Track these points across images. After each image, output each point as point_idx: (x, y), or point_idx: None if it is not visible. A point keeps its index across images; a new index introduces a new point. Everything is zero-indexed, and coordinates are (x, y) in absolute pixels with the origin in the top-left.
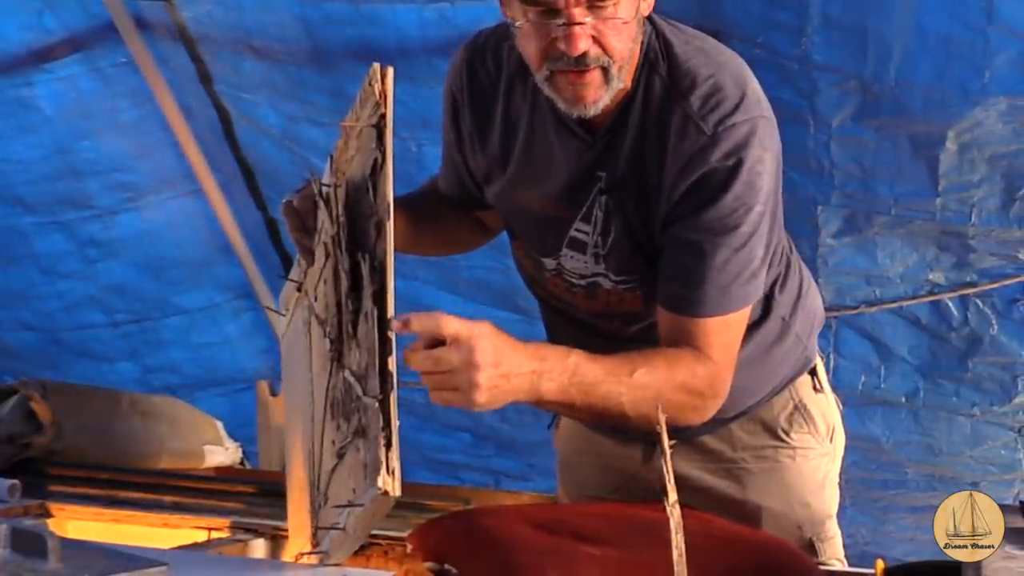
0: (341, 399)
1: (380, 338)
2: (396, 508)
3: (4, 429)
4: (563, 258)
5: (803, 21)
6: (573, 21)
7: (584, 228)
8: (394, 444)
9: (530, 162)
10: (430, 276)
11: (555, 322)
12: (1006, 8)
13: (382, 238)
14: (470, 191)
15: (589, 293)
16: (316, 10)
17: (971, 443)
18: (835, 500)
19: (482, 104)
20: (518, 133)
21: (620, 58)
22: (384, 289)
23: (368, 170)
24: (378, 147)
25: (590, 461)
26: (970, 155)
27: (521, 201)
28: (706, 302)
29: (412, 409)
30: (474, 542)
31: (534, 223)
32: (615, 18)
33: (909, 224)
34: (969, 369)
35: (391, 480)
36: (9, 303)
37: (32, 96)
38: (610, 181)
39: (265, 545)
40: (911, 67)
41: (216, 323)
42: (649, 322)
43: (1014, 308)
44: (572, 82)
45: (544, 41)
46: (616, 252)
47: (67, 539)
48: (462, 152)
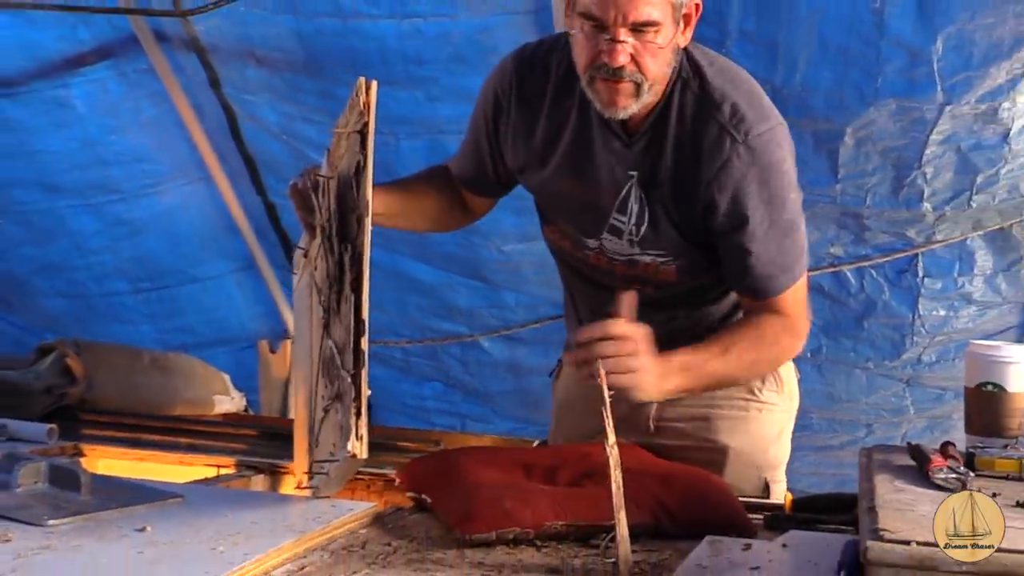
0: (327, 362)
1: (355, 321)
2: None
3: (43, 381)
4: (604, 240)
5: (723, 35)
6: (617, 39)
7: (621, 218)
8: (363, 413)
9: (575, 156)
10: (408, 250)
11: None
12: (895, 24)
13: (362, 231)
14: (486, 174)
15: (630, 265)
16: (309, 24)
17: (866, 392)
18: (787, 451)
19: (529, 107)
20: (564, 131)
21: (652, 77)
22: (360, 278)
23: (353, 170)
24: (361, 151)
25: (584, 407)
26: (865, 148)
27: (565, 189)
28: (777, 285)
29: (392, 364)
30: (446, 478)
31: (577, 209)
32: (653, 43)
33: (813, 207)
34: (864, 329)
35: (359, 445)
36: (47, 274)
37: (67, 96)
38: (644, 179)
39: (265, 480)
40: (814, 74)
41: (223, 291)
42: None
43: (902, 277)
44: (606, 88)
45: (593, 51)
46: (650, 239)
47: (97, 475)
48: (496, 143)
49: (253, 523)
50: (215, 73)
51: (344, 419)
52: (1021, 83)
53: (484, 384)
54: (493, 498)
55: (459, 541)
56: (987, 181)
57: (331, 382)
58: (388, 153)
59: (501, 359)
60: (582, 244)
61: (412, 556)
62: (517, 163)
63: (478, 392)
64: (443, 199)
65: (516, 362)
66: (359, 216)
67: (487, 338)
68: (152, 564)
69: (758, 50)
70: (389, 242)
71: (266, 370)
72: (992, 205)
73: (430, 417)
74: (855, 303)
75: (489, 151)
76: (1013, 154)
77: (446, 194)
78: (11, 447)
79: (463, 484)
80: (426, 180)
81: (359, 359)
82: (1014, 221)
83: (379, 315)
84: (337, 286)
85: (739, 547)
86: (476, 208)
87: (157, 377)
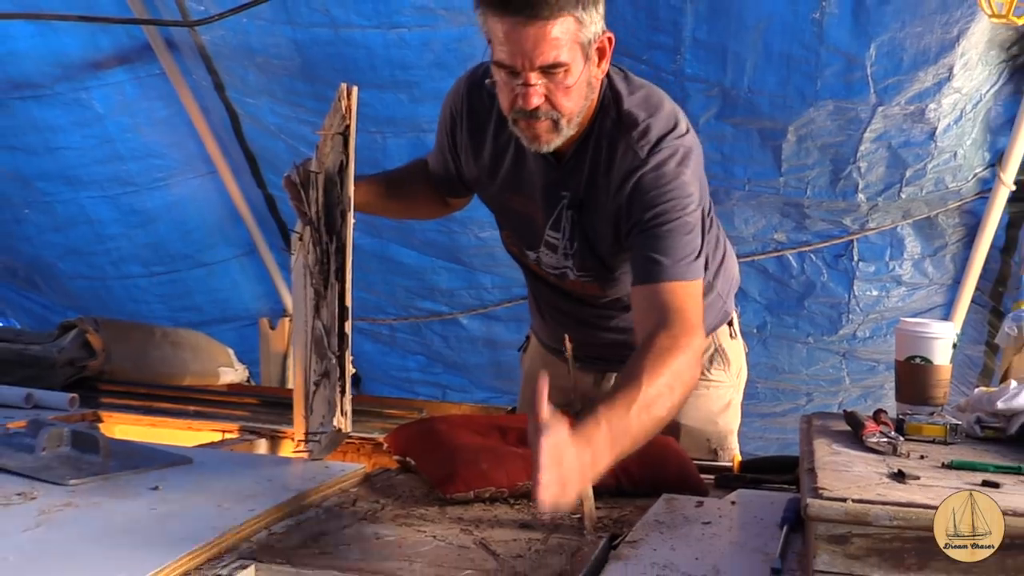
0: (318, 341)
1: (340, 308)
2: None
3: (65, 355)
4: (541, 253)
5: (677, 42)
6: (528, 83)
7: (555, 235)
8: (347, 391)
9: (518, 176)
10: (394, 236)
11: (538, 291)
12: (833, 33)
13: (345, 224)
14: (452, 178)
15: (560, 278)
16: (305, 34)
17: (806, 364)
18: (737, 421)
19: (477, 126)
20: (507, 152)
21: (568, 112)
22: (343, 268)
23: (337, 168)
24: (344, 151)
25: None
26: (805, 145)
27: (511, 204)
28: (670, 269)
29: (379, 339)
30: (429, 442)
31: (520, 222)
32: (563, 83)
33: (759, 197)
34: (805, 308)
35: (344, 420)
36: (70, 258)
37: (88, 98)
38: (573, 199)
39: (266, 444)
40: (760, 77)
41: (228, 274)
42: (608, 299)
43: (839, 261)
44: (528, 127)
45: (510, 95)
46: (579, 255)
47: (114, 439)
48: (455, 155)
49: (255, 483)
50: (220, 78)
51: (330, 396)
52: (946, 86)
53: (463, 357)
54: (471, 460)
55: (440, 499)
56: (915, 175)
57: (321, 359)
58: (376, 150)
59: (478, 335)
60: (525, 254)
61: (398, 512)
62: (471, 175)
63: (457, 365)
64: (424, 192)
65: (492, 337)
66: (343, 211)
67: (465, 316)
68: (164, 519)
69: (709, 56)
70: (377, 229)
71: (266, 345)
72: (920, 196)
73: (414, 387)
74: (797, 284)
75: (452, 160)
76: (939, 150)
77: (427, 188)
78: (36, 414)
79: (444, 448)
80: (410, 174)
81: (343, 342)
82: (939, 211)
83: (368, 295)
84: (323, 273)
85: (692, 504)
86: (453, 202)
87: (168, 351)
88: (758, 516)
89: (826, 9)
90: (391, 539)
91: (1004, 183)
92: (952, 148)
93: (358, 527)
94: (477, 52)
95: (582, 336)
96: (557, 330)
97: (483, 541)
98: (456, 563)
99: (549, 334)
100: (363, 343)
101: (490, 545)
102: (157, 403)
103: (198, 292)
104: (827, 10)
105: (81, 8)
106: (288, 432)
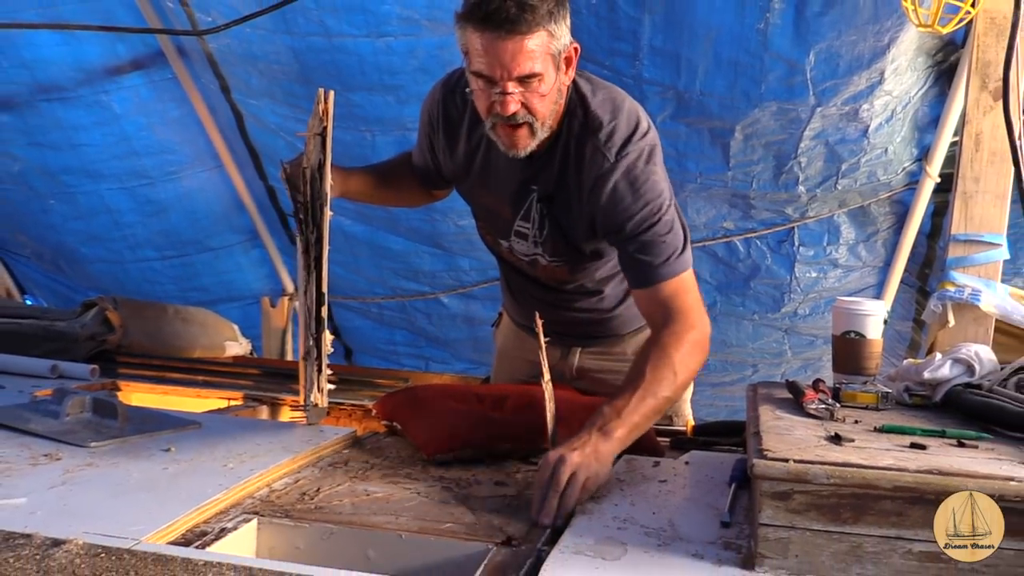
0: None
1: (317, 294)
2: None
3: (87, 330)
4: (512, 242)
5: (636, 49)
6: (506, 91)
7: (525, 225)
8: (324, 370)
9: (488, 173)
10: (381, 224)
11: (509, 275)
12: (776, 41)
13: (323, 218)
14: (433, 173)
15: (531, 265)
16: (302, 42)
17: (752, 339)
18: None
19: (452, 129)
20: (479, 152)
21: (542, 116)
22: (320, 258)
23: (317, 165)
24: (322, 151)
25: (522, 355)
26: (751, 142)
27: (482, 199)
28: (661, 270)
29: (368, 316)
30: (413, 408)
31: (492, 214)
32: (537, 91)
33: (709, 190)
34: (751, 288)
35: (320, 396)
36: (91, 244)
37: (107, 100)
38: (542, 193)
39: (267, 410)
40: (711, 81)
41: (233, 258)
42: (574, 284)
43: (782, 246)
44: (506, 134)
45: (487, 102)
46: (549, 242)
47: (130, 406)
48: (434, 153)
49: (257, 445)
50: (226, 81)
51: (310, 374)
52: (878, 89)
53: (444, 332)
54: (452, 424)
55: (424, 460)
56: (850, 168)
57: (308, 335)
58: (365, 147)
59: (457, 312)
60: (499, 242)
61: (386, 471)
62: (448, 171)
63: (439, 339)
64: (409, 183)
65: (469, 315)
66: (320, 204)
67: (446, 295)
68: (175, 477)
69: (665, 62)
70: (367, 218)
71: (267, 321)
72: (854, 188)
73: (400, 359)
74: (743, 267)
75: (431, 157)
76: (871, 146)
77: (412, 180)
78: (61, 383)
79: (427, 413)
80: (397, 167)
81: (320, 324)
82: (872, 200)
83: (358, 277)
84: (306, 261)
85: (650, 464)
86: (436, 193)
87: (179, 327)
88: (709, 475)
89: (770, 20)
90: (379, 495)
91: (930, 176)
92: (883, 144)
93: (350, 485)
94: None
95: (550, 315)
96: (527, 310)
97: (463, 497)
98: (438, 517)
99: (520, 313)
100: (354, 320)
101: (469, 500)
102: (169, 373)
103: (206, 274)
104: (771, 21)
105: (101, 19)
106: (287, 400)
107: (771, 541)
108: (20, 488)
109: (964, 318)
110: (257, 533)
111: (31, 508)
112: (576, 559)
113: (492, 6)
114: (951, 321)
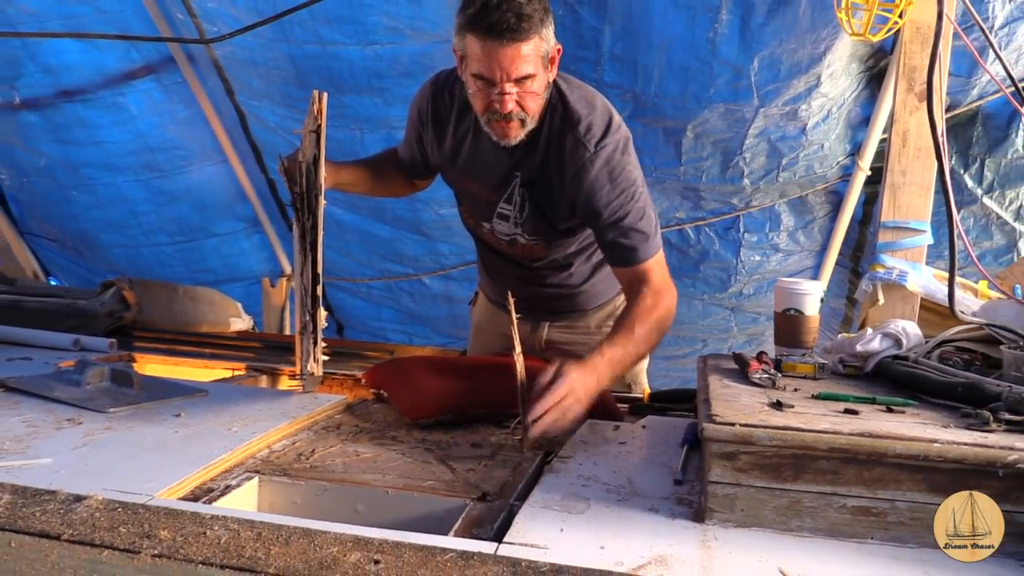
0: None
1: (312, 275)
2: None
3: (106, 308)
4: (494, 223)
5: (598, 56)
6: (504, 92)
7: (507, 207)
8: (319, 343)
9: (474, 162)
10: (369, 213)
11: (487, 256)
12: (723, 48)
13: (317, 207)
14: (419, 164)
15: (511, 244)
16: (298, 49)
17: (702, 316)
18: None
19: (440, 124)
20: (465, 143)
21: (532, 112)
22: (316, 242)
23: (312, 160)
24: (316, 147)
25: (496, 330)
26: (701, 140)
27: (467, 186)
28: (637, 252)
29: (358, 295)
30: (397, 377)
31: (476, 199)
32: (531, 90)
33: (663, 183)
34: (700, 271)
35: (316, 366)
36: (110, 231)
37: (124, 102)
38: (525, 178)
39: (267, 379)
40: (664, 85)
41: (236, 243)
42: (547, 260)
43: (728, 233)
44: (500, 127)
45: (486, 101)
46: (529, 222)
47: (145, 375)
48: (422, 145)
49: (258, 410)
50: (230, 85)
51: (306, 347)
52: (815, 91)
53: (425, 310)
54: (433, 392)
55: (408, 424)
56: (790, 162)
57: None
58: (355, 143)
59: (438, 292)
60: (480, 224)
61: (374, 435)
62: (435, 162)
63: (421, 316)
64: (395, 175)
65: (449, 294)
66: (316, 195)
67: (428, 277)
68: (185, 440)
69: (624, 67)
70: (357, 208)
71: (267, 299)
72: (794, 180)
73: (386, 334)
74: (694, 252)
75: (419, 150)
76: (809, 143)
77: (397, 172)
78: (82, 356)
79: (411, 382)
80: (384, 161)
81: (316, 302)
82: (809, 191)
83: (349, 261)
84: (302, 245)
85: (611, 428)
86: (419, 184)
87: (188, 305)
88: (664, 438)
89: (718, 30)
90: (368, 456)
91: (862, 169)
92: (820, 141)
93: (341, 446)
94: (437, 63)
95: (523, 292)
96: (502, 287)
97: (443, 457)
98: (421, 475)
99: (495, 291)
100: (345, 299)
101: (448, 460)
102: (179, 346)
103: (212, 257)
104: (719, 30)
105: (118, 29)
106: (285, 370)
107: (719, 497)
108: (46, 449)
109: (892, 297)
110: (258, 490)
111: (56, 467)
112: (544, 512)
113: (494, 17)
114: (881, 299)
